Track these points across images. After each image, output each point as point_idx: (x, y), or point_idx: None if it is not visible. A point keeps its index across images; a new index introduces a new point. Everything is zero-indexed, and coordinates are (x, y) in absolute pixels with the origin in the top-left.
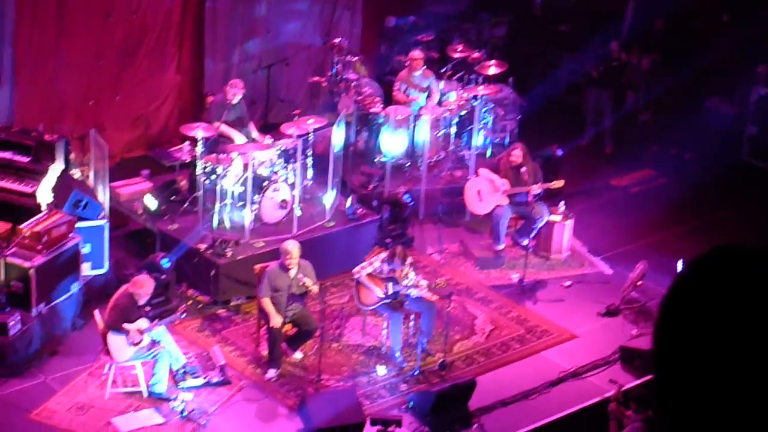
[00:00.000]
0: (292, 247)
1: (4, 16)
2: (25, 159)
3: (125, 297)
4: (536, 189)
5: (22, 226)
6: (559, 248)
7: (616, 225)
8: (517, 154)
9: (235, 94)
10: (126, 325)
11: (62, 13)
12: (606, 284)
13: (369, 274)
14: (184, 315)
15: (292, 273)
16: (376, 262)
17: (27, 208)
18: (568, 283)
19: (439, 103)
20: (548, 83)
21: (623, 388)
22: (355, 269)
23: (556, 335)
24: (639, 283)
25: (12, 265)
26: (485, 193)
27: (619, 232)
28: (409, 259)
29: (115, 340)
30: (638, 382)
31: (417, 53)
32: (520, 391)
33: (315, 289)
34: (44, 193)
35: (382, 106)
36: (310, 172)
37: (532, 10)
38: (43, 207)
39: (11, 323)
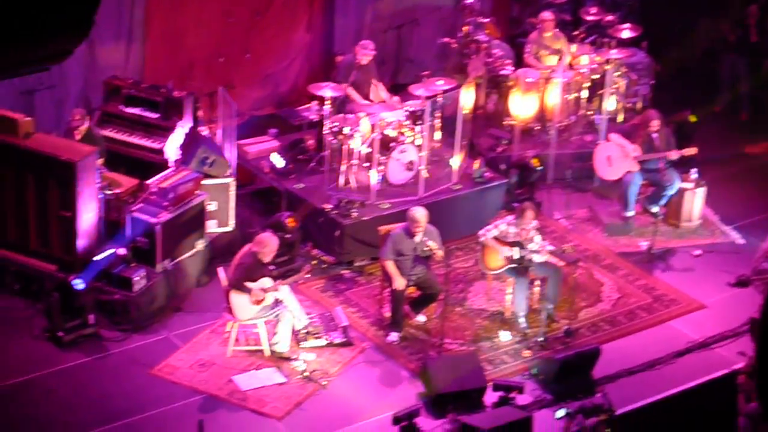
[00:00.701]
0: (420, 215)
1: None
2: (154, 115)
3: (249, 256)
4: (674, 155)
5: (149, 181)
6: (689, 216)
7: (749, 194)
8: (653, 123)
9: (365, 55)
10: (249, 284)
11: None
12: (737, 254)
13: (495, 237)
14: (308, 275)
15: (417, 238)
16: (502, 224)
17: (154, 164)
18: (698, 252)
19: (570, 66)
20: (683, 48)
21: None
22: (480, 231)
23: (684, 305)
24: None
25: (138, 221)
26: (615, 159)
27: (752, 201)
28: (535, 223)
29: (238, 298)
30: None
31: (548, 14)
32: (645, 361)
33: (440, 253)
34: (172, 149)
35: (512, 68)
36: (437, 134)
37: None
38: (171, 163)
39: (136, 278)
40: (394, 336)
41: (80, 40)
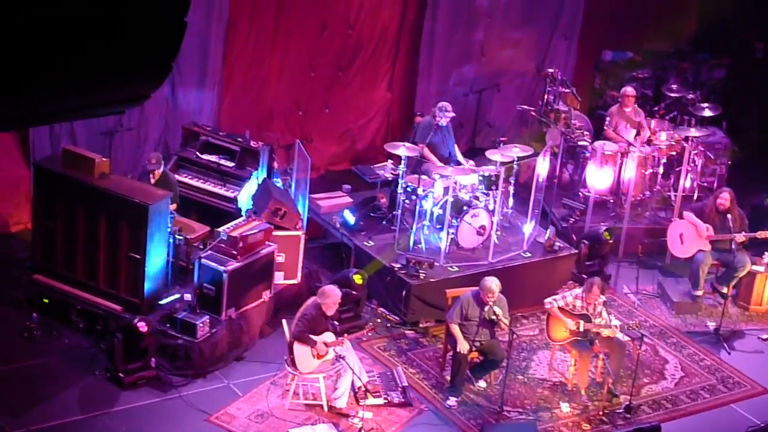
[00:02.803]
0: (495, 286)
1: (211, 15)
2: (230, 163)
3: (313, 308)
4: (741, 237)
5: (219, 229)
6: (759, 300)
7: None
8: (724, 198)
9: (444, 117)
10: (312, 337)
11: (279, 21)
12: None
13: (560, 308)
14: (371, 333)
15: (487, 307)
16: (569, 297)
17: (226, 212)
18: (766, 336)
19: (648, 142)
20: (763, 130)
21: None
22: (547, 300)
23: (748, 388)
24: None
25: (206, 267)
26: (687, 237)
27: None
28: (603, 297)
29: (300, 350)
30: None
31: (630, 90)
32: None
33: (506, 322)
34: (245, 198)
35: (590, 140)
36: (511, 201)
37: (752, 54)
38: (243, 213)
39: (200, 325)
40: (452, 400)
41: (158, 85)
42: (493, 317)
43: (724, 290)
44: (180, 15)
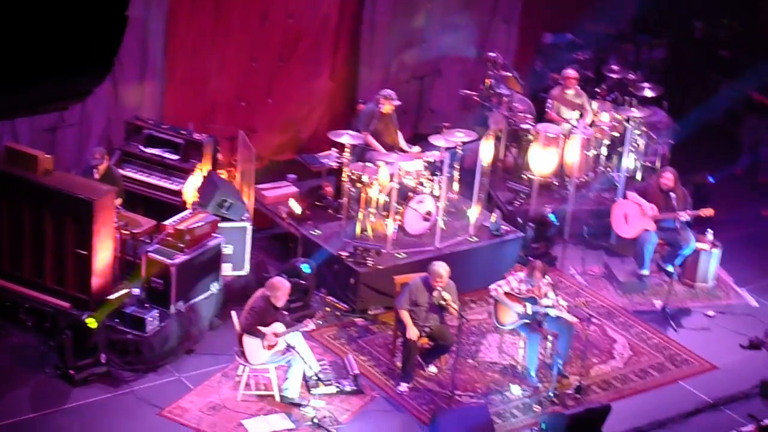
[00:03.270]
0: (444, 270)
1: (150, 10)
2: (174, 157)
3: (261, 300)
4: (685, 216)
5: (166, 223)
6: (704, 277)
7: (765, 256)
8: (668, 178)
9: (387, 104)
10: (262, 329)
11: (218, 13)
12: (750, 316)
13: (507, 293)
14: (320, 321)
15: (435, 292)
16: (513, 281)
17: (172, 205)
18: (711, 313)
19: (591, 123)
20: (704, 109)
21: (762, 424)
22: (492, 286)
23: (696, 365)
24: None
25: (154, 262)
26: (632, 217)
27: (767, 264)
28: (549, 278)
29: (250, 342)
30: None
31: (571, 72)
32: (655, 420)
33: (455, 307)
34: (190, 191)
35: (533, 123)
36: (456, 186)
37: (692, 34)
38: (188, 205)
39: (149, 319)
40: (404, 386)
41: (100, 81)
42: (442, 302)
43: (670, 269)
44: (120, 10)
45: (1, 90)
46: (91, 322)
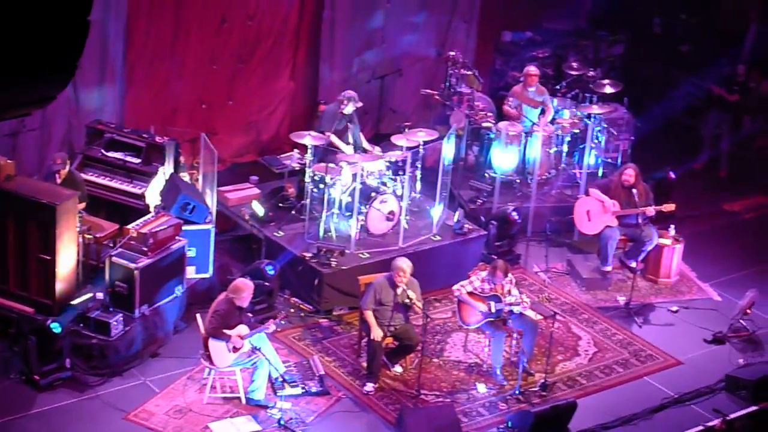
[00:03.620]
0: (407, 266)
1: (110, 12)
2: (136, 160)
3: (225, 302)
4: (647, 211)
5: (129, 226)
6: (667, 272)
7: (727, 251)
8: (629, 174)
9: (349, 104)
10: (226, 331)
11: (178, 16)
12: (714, 311)
13: (470, 293)
14: (284, 322)
15: (400, 289)
16: (476, 281)
17: (135, 209)
18: (675, 308)
19: (552, 121)
20: (664, 104)
21: (728, 418)
22: (455, 287)
23: (660, 360)
24: (748, 311)
25: (117, 266)
26: (594, 213)
27: (729, 259)
28: (511, 277)
29: (215, 345)
30: (743, 412)
31: (532, 69)
32: (621, 416)
33: (419, 305)
34: (153, 194)
35: (494, 121)
36: (418, 185)
37: (651, 30)
38: (151, 209)
39: (113, 323)
40: (370, 386)
41: (63, 86)
42: (407, 301)
43: (633, 264)
44: (83, 15)
45: None
46: (56, 328)
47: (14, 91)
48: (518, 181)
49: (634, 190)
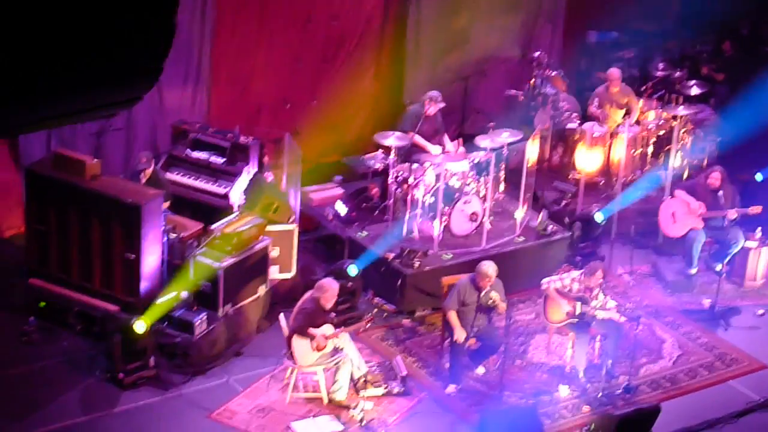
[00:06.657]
0: (492, 270)
1: (204, 16)
2: (220, 160)
3: (310, 302)
4: (733, 214)
5: (213, 226)
6: (753, 275)
7: None
8: (715, 177)
9: (433, 105)
10: (311, 330)
11: (263, 16)
12: None
13: (557, 289)
14: (369, 324)
15: (484, 292)
16: (566, 279)
17: (219, 208)
18: (761, 311)
19: (637, 122)
20: (752, 106)
21: None
22: (544, 280)
23: (746, 364)
24: None
25: (201, 265)
26: (680, 216)
27: None
28: (602, 280)
29: (299, 344)
30: None
31: (616, 71)
32: (705, 420)
33: (503, 306)
34: (237, 194)
35: (579, 122)
36: (502, 186)
37: (739, 31)
38: (235, 208)
39: (197, 323)
40: (452, 387)
41: (149, 87)
42: (490, 302)
43: (718, 267)
44: (170, 16)
45: (52, 99)
46: (140, 327)
47: (101, 93)
48: (603, 182)
49: (720, 192)
